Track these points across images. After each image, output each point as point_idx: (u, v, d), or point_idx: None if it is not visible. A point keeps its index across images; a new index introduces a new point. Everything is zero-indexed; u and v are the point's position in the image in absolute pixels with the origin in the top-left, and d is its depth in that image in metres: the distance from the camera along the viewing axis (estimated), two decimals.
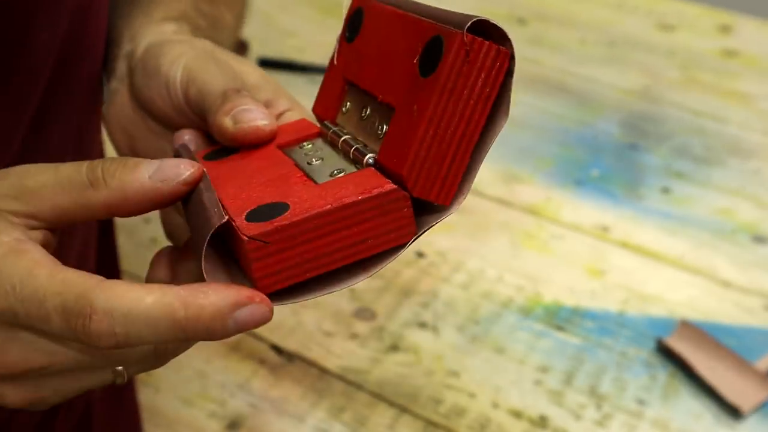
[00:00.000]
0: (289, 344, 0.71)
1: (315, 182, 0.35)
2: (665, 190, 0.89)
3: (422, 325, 0.73)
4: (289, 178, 0.35)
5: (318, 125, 0.40)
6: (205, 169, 0.36)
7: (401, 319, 0.73)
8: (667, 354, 0.70)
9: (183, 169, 0.34)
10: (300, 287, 0.33)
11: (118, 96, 0.47)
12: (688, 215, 0.86)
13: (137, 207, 0.34)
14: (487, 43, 0.32)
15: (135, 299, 0.30)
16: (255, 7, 0.64)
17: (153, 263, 0.37)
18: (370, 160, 0.35)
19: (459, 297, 0.76)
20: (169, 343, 0.32)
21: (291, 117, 0.42)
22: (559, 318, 0.74)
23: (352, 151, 0.36)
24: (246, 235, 0.31)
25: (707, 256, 0.81)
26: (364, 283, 0.76)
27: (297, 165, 0.37)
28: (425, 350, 0.71)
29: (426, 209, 0.34)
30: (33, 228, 0.34)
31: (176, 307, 0.30)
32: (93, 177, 0.34)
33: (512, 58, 0.32)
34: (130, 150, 0.47)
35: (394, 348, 0.71)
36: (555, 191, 0.88)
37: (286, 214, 0.32)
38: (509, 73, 0.33)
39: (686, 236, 0.83)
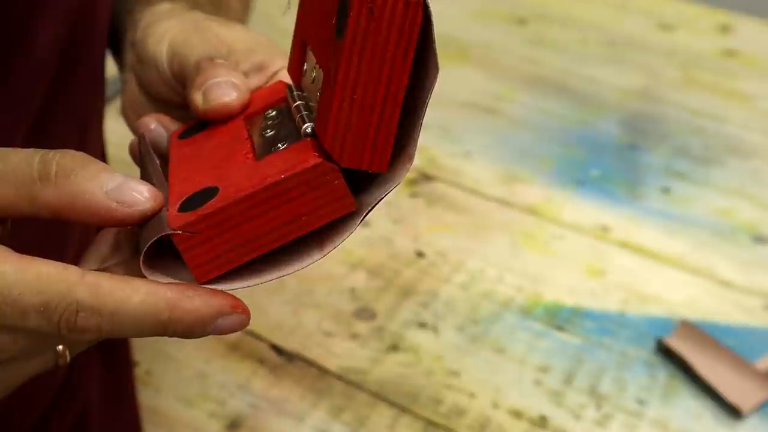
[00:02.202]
0: (289, 344, 0.71)
1: (256, 159, 0.33)
2: (665, 190, 0.89)
3: (422, 325, 0.73)
4: (235, 156, 0.35)
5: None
6: (157, 166, 0.35)
7: (401, 319, 0.73)
8: (667, 354, 0.70)
9: (144, 199, 0.32)
10: (251, 270, 0.33)
11: (128, 85, 0.47)
12: (688, 215, 0.86)
13: (84, 219, 0.32)
14: None
15: (122, 299, 0.30)
16: (255, 8, 0.64)
17: (97, 239, 0.36)
18: (308, 130, 0.33)
19: (459, 297, 0.76)
20: (148, 336, 0.32)
21: (285, 76, 0.41)
22: (559, 318, 0.74)
23: (297, 118, 0.34)
24: (171, 228, 0.31)
25: (707, 256, 0.81)
26: (364, 283, 0.76)
27: (251, 138, 0.36)
28: (425, 350, 0.71)
29: (376, 178, 0.33)
30: None
31: (162, 308, 0.31)
32: (43, 172, 0.31)
33: (425, 6, 0.30)
34: None
35: (394, 348, 0.71)
36: (555, 191, 0.88)
37: (211, 201, 0.32)
38: (428, 21, 0.30)
39: (686, 236, 0.83)
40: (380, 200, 0.32)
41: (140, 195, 0.32)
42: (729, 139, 0.97)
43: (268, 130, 0.36)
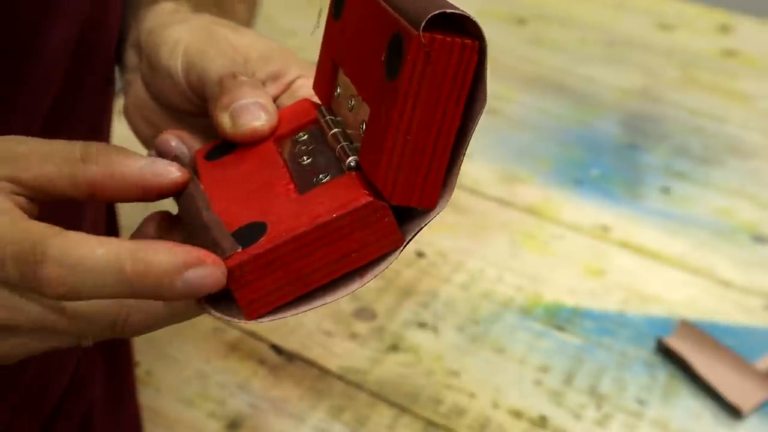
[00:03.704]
0: (289, 344, 0.71)
1: (298, 192, 0.33)
2: (665, 190, 0.89)
3: (422, 325, 0.73)
4: (274, 186, 0.34)
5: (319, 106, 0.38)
6: (197, 182, 0.35)
7: (401, 319, 0.73)
8: (667, 354, 0.70)
9: (174, 170, 0.35)
10: (295, 300, 0.32)
11: (133, 87, 0.47)
12: (688, 215, 0.86)
13: (121, 190, 0.34)
14: (448, 39, 0.29)
15: (87, 250, 0.30)
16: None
17: (142, 224, 0.37)
18: (352, 163, 0.33)
19: (459, 297, 0.76)
20: (117, 297, 0.31)
21: (302, 84, 0.41)
22: (559, 318, 0.74)
23: (337, 148, 0.34)
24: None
25: (707, 256, 0.81)
26: None
27: (287, 166, 0.35)
28: (425, 350, 0.71)
29: (415, 209, 0.32)
30: (14, 193, 0.34)
31: (123, 259, 0.30)
32: (85, 153, 0.34)
33: (480, 48, 0.30)
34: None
35: (394, 348, 0.71)
36: (555, 191, 0.88)
37: (261, 240, 0.31)
38: (483, 55, 0.30)
39: (686, 236, 0.83)
40: (420, 229, 0.33)
41: (170, 166, 0.35)
42: (729, 139, 0.97)
43: (304, 157, 0.35)
